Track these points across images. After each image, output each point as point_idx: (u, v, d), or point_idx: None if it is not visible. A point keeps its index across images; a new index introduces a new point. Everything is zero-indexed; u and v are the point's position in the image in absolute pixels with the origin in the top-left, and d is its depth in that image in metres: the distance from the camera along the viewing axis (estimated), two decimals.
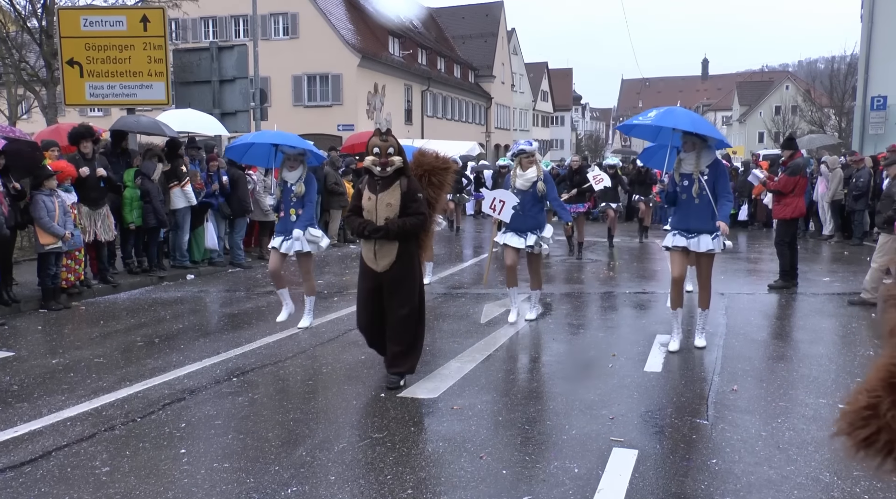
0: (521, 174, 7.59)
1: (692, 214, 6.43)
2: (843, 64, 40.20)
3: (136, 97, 14.28)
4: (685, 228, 6.49)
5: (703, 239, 6.39)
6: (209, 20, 35.51)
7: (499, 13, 55.24)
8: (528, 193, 7.53)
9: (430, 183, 5.73)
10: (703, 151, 6.43)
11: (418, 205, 5.47)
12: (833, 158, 17.13)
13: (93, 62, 13.95)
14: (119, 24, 14.06)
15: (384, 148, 5.49)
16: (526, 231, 7.52)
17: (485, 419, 4.81)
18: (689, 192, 6.41)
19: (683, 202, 6.46)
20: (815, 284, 10.19)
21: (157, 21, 14.23)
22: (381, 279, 5.51)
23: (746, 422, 4.76)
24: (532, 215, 7.54)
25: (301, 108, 35.11)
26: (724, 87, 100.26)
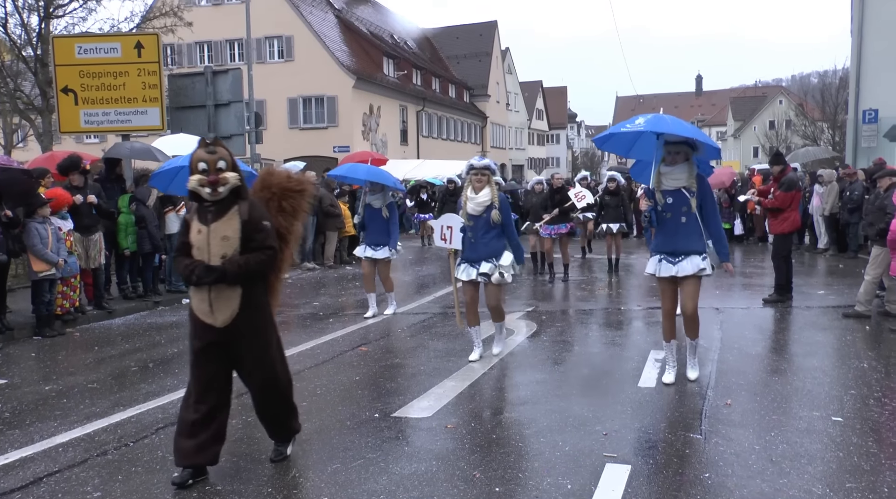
0: (473, 197, 6.67)
1: (679, 234, 5.77)
2: (834, 78, 40.49)
3: (130, 124, 14.31)
4: (670, 250, 5.83)
5: (690, 260, 5.76)
6: (204, 45, 35.80)
7: (493, 33, 55.71)
8: (482, 218, 6.64)
9: (282, 209, 4.46)
10: (691, 163, 5.78)
11: (265, 236, 4.19)
12: (829, 171, 17.22)
13: (87, 89, 13.99)
14: (114, 51, 14.13)
15: (212, 162, 4.12)
16: (479, 260, 6.71)
17: (479, 437, 4.81)
18: (674, 210, 5.74)
19: (668, 222, 5.78)
20: (810, 298, 10.21)
21: (152, 47, 14.31)
22: (222, 337, 4.22)
23: (740, 436, 4.76)
24: (485, 243, 6.67)
25: (297, 131, 35.30)
26: (718, 102, 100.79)
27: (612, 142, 6.32)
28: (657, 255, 5.92)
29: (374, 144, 36.21)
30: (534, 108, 70.52)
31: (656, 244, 5.97)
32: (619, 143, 6.32)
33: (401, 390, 6.04)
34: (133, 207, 10.71)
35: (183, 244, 4.29)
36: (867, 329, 8.16)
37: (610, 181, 13.52)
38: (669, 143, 5.69)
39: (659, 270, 5.88)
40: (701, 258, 5.76)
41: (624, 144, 6.28)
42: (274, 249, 4.27)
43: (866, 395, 5.69)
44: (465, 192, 6.81)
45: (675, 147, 5.71)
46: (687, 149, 5.71)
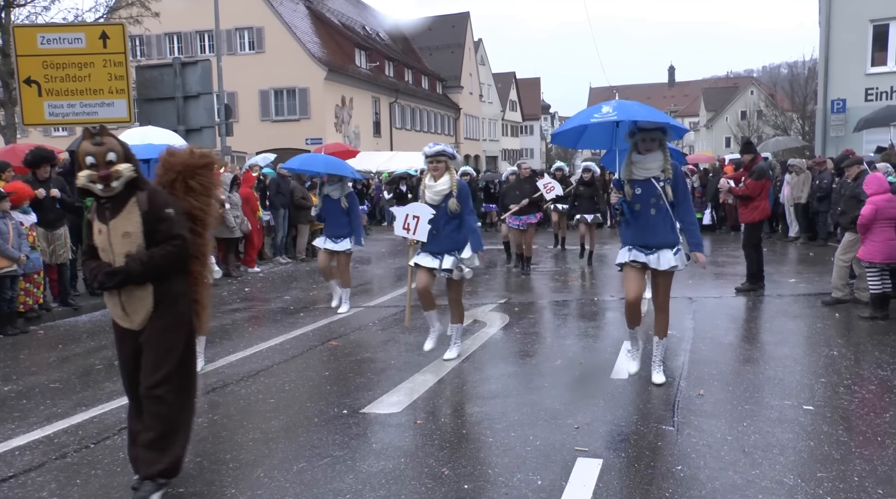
0: (431, 186, 6.37)
1: (649, 227, 5.46)
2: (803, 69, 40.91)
3: (97, 116, 13.96)
4: (642, 243, 5.52)
5: (663, 255, 5.46)
6: (174, 36, 35.28)
7: (465, 24, 55.52)
8: (441, 208, 6.33)
9: (190, 189, 4.03)
10: (665, 150, 5.48)
11: (169, 225, 3.80)
12: (800, 160, 17.36)
13: (51, 81, 13.64)
14: (78, 41, 13.80)
15: (101, 155, 3.73)
16: (441, 253, 6.37)
17: (448, 433, 4.73)
18: (643, 201, 5.43)
19: (637, 214, 5.47)
20: (782, 286, 10.26)
21: (117, 37, 13.99)
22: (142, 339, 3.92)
23: (712, 427, 4.73)
24: (447, 235, 6.35)
25: (269, 123, 34.92)
26: (691, 93, 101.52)
27: (561, 137, 6.09)
28: (628, 245, 5.62)
29: (347, 136, 35.95)
30: (507, 99, 70.47)
31: (626, 237, 5.66)
32: (567, 136, 6.01)
33: (370, 384, 5.94)
34: None
35: (88, 247, 3.97)
36: (837, 317, 8.20)
37: (585, 172, 13.34)
38: (644, 130, 5.37)
39: (629, 256, 5.56)
40: (673, 253, 5.47)
41: (571, 136, 5.98)
42: (182, 238, 3.84)
43: (836, 383, 5.70)
44: (424, 180, 6.48)
45: (650, 134, 5.39)
46: (661, 135, 5.42)
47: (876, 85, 21.36)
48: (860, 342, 7.04)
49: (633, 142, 5.48)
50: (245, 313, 9.68)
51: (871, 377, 5.86)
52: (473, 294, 10.48)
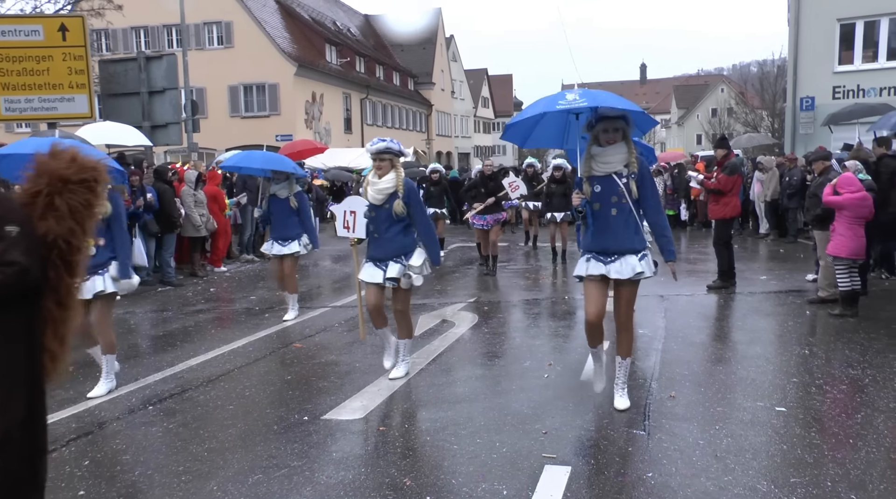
0: (375, 183, 5.67)
1: (610, 230, 4.78)
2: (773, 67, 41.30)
3: (56, 111, 13.59)
4: (601, 249, 4.84)
5: (626, 261, 4.76)
6: (140, 30, 34.64)
7: (437, 20, 55.28)
8: (384, 209, 5.67)
9: (53, 209, 2.83)
10: (628, 141, 4.85)
11: (4, 247, 2.64)
12: (769, 158, 17.42)
13: (7, 74, 13.19)
14: (35, 33, 13.37)
15: None
16: (386, 260, 5.73)
17: (412, 440, 4.56)
18: (603, 200, 4.76)
19: (597, 215, 4.81)
20: (753, 283, 10.22)
21: (77, 30, 13.57)
22: None
23: (684, 430, 4.61)
24: (391, 238, 5.69)
25: (238, 119, 34.44)
26: (662, 91, 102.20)
27: (512, 132, 5.20)
28: (586, 254, 4.95)
29: (318, 132, 35.58)
30: (479, 96, 70.35)
31: (585, 243, 4.99)
32: (519, 131, 5.18)
33: (333, 389, 5.75)
34: None
35: None
36: (808, 314, 8.17)
37: (556, 169, 13.13)
38: (606, 118, 4.71)
39: (587, 268, 4.86)
40: (638, 258, 4.75)
41: (521, 131, 5.18)
42: (16, 266, 2.67)
43: (808, 383, 5.62)
44: (368, 177, 5.82)
45: (613, 123, 4.74)
46: (624, 125, 4.77)
47: (843, 83, 21.55)
48: (831, 341, 6.98)
49: (592, 133, 4.83)
50: (209, 315, 9.41)
51: (843, 377, 5.78)
52: (443, 293, 10.32)
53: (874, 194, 8.24)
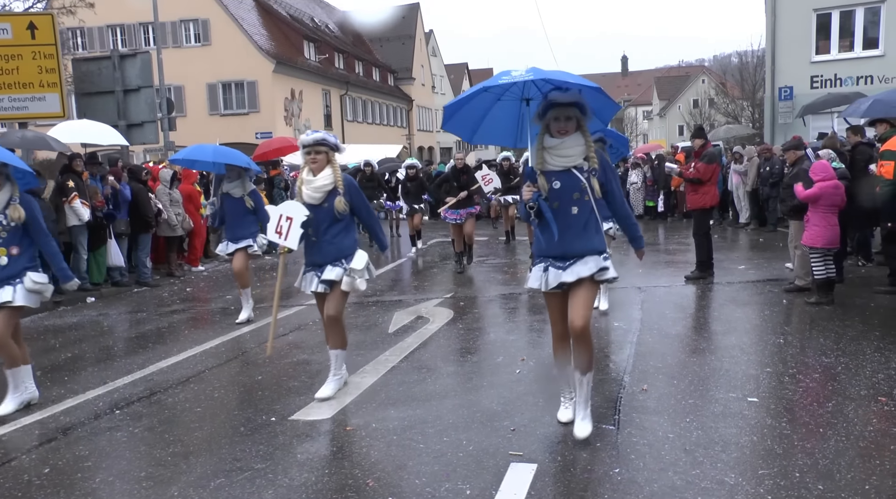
0: (310, 181, 5.18)
1: (570, 231, 4.19)
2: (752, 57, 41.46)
3: (27, 110, 13.42)
4: (558, 253, 4.23)
5: (585, 262, 4.20)
6: (116, 28, 34.27)
7: (415, 15, 55.06)
8: (322, 209, 5.18)
9: None
10: (585, 133, 4.24)
11: None
12: (749, 148, 17.46)
13: None
14: (3, 31, 13.19)
15: None
16: (323, 264, 5.24)
17: (377, 440, 4.48)
18: (562, 198, 4.17)
19: (556, 215, 4.19)
20: (731, 273, 10.22)
21: (46, 28, 13.41)
22: None
23: (654, 424, 4.56)
24: (329, 240, 5.18)
25: (217, 117, 34.16)
26: (644, 82, 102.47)
27: (454, 121, 4.57)
28: (541, 261, 4.31)
29: (298, 128, 35.34)
30: (460, 90, 70.12)
31: (539, 247, 4.35)
32: (463, 122, 4.58)
33: (303, 388, 5.66)
34: None
35: None
36: (784, 303, 8.16)
37: (504, 160, 13.26)
38: (557, 105, 4.09)
39: (545, 280, 4.25)
40: (602, 257, 4.24)
41: (466, 122, 4.59)
42: None
43: (782, 372, 5.60)
44: (301, 175, 5.32)
45: (564, 110, 4.11)
46: (577, 113, 4.14)
47: (820, 72, 21.66)
48: (805, 329, 6.98)
49: (543, 122, 4.20)
50: (183, 315, 9.30)
51: (816, 365, 5.77)
52: (420, 289, 10.26)
53: (847, 183, 8.26)
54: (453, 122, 4.58)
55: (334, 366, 5.45)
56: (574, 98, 4.09)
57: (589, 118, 4.21)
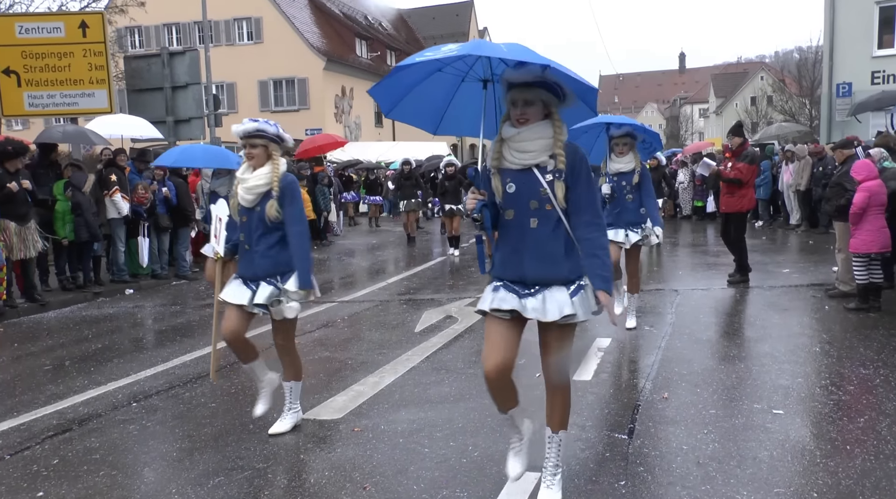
0: (245, 180, 4.35)
1: (529, 249, 3.28)
2: (810, 53, 40.20)
3: (77, 106, 13.76)
4: (517, 276, 3.31)
5: (551, 296, 3.25)
6: (171, 27, 35.04)
7: (469, 13, 54.94)
8: (255, 213, 4.35)
9: None
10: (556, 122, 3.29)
11: None
12: (801, 146, 16.88)
13: (31, 71, 13.41)
14: (57, 30, 13.55)
15: None
16: (257, 280, 4.40)
17: (383, 443, 4.40)
18: (517, 205, 3.29)
19: (510, 227, 3.33)
20: (775, 277, 9.86)
21: (97, 26, 13.73)
22: None
23: (669, 435, 4.38)
24: (262, 252, 4.35)
25: (268, 114, 34.55)
26: (701, 80, 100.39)
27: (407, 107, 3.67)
28: (497, 282, 3.38)
29: (348, 126, 35.64)
30: None
31: (494, 266, 3.42)
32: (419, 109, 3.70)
33: (319, 386, 5.63)
34: (69, 194, 10.21)
35: None
36: (826, 309, 7.82)
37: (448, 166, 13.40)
38: (516, 86, 3.24)
39: (492, 299, 3.32)
40: (569, 292, 3.27)
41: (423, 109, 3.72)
42: None
43: (814, 383, 5.34)
44: (238, 173, 4.48)
45: (524, 92, 3.23)
46: (544, 95, 3.24)
47: (883, 68, 20.85)
48: (846, 338, 6.65)
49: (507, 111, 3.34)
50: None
51: (852, 377, 5.49)
52: (454, 288, 10.16)
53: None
54: (400, 111, 3.69)
55: (289, 398, 4.72)
56: (533, 76, 3.18)
57: (569, 103, 3.30)
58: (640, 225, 6.89)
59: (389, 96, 3.59)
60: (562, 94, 3.26)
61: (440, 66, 3.44)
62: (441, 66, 3.43)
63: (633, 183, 6.78)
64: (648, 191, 6.85)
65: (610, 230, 6.72)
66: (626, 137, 6.74)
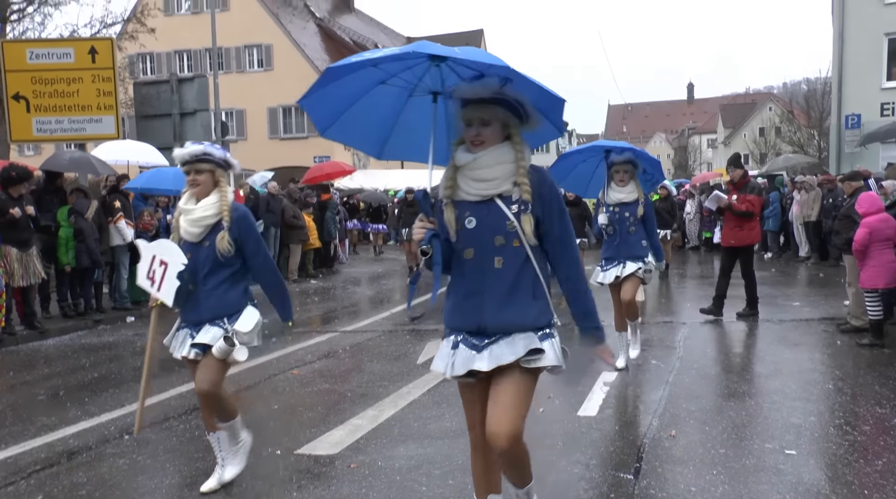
0: (188, 211, 3.92)
1: (490, 292, 2.86)
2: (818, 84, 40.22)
3: (85, 132, 13.81)
4: (476, 325, 2.88)
5: (510, 347, 2.84)
6: (183, 53, 35.33)
7: (479, 41, 55.31)
8: (202, 249, 3.90)
9: None
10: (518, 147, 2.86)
11: None
12: (810, 177, 16.76)
13: (40, 96, 13.47)
14: (67, 56, 13.62)
15: None
16: (201, 323, 3.95)
17: (380, 480, 4.24)
18: (481, 242, 2.85)
19: (466, 269, 2.89)
20: (785, 310, 9.68)
21: (106, 52, 13.81)
22: None
23: (677, 475, 4.21)
24: (209, 291, 3.92)
25: (277, 141, 34.77)
26: (710, 110, 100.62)
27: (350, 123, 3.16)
28: (451, 333, 2.97)
29: (356, 153, 35.67)
30: None
31: (446, 314, 3.00)
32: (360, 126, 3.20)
33: (317, 420, 5.48)
34: (72, 220, 10.16)
35: None
36: (839, 344, 7.63)
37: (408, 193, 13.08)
38: (472, 103, 2.80)
39: (451, 364, 2.92)
40: (540, 336, 2.87)
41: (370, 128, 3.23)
42: None
43: (827, 422, 5.16)
44: (181, 202, 4.03)
45: (479, 110, 2.80)
46: (503, 114, 2.81)
47: (892, 99, 20.79)
48: (860, 374, 6.46)
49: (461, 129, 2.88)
50: None
51: (868, 416, 5.30)
52: None
53: None
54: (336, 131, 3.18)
55: (220, 450, 4.18)
56: (490, 91, 2.74)
57: (533, 124, 2.87)
58: (641, 259, 6.43)
59: (325, 111, 3.10)
60: (524, 113, 2.83)
61: (383, 77, 2.98)
62: (385, 76, 2.97)
63: (637, 215, 6.33)
64: (652, 224, 6.47)
65: (610, 268, 6.48)
66: (627, 164, 6.32)
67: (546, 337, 2.89)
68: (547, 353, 2.85)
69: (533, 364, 2.84)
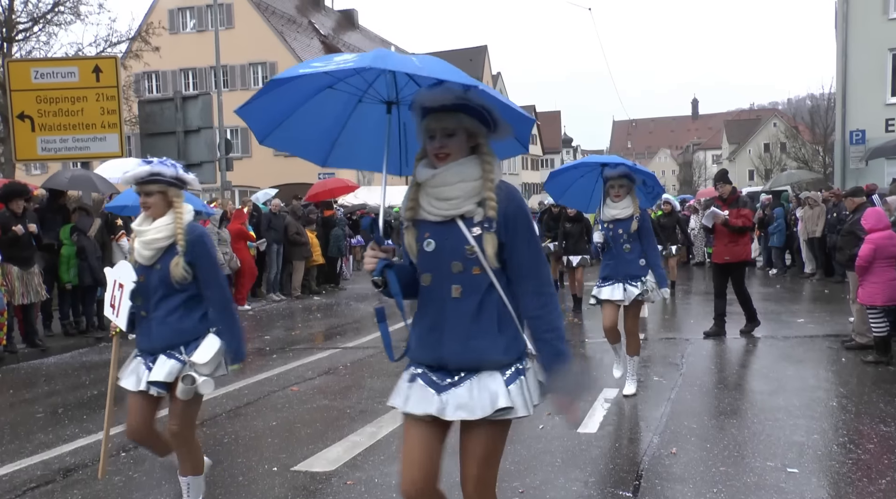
0: (143, 232, 3.62)
1: (450, 323, 2.57)
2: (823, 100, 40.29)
3: (89, 150, 13.84)
4: (436, 358, 2.60)
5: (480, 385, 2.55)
6: (188, 72, 35.63)
7: (483, 58, 55.69)
8: (154, 272, 3.58)
9: None
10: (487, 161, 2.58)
11: None
12: (815, 193, 16.72)
13: (44, 115, 13.51)
14: (71, 75, 13.69)
15: None
16: (154, 353, 3.62)
17: (376, 497, 4.20)
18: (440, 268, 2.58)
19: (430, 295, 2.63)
20: (789, 326, 9.62)
21: (110, 70, 13.87)
22: None
23: (677, 493, 4.15)
24: (161, 319, 3.60)
25: (282, 158, 34.78)
26: (714, 126, 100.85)
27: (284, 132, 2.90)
28: (411, 367, 2.69)
29: (361, 171, 35.80)
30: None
31: (409, 346, 2.72)
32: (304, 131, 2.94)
33: (314, 437, 5.44)
34: (74, 238, 10.18)
35: None
36: (843, 361, 7.56)
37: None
38: (430, 112, 2.53)
39: (406, 400, 2.64)
40: (504, 379, 2.54)
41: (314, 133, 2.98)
42: None
43: (831, 440, 5.09)
44: (133, 224, 3.75)
45: (444, 120, 2.52)
46: (468, 123, 2.53)
47: None
48: (864, 392, 6.39)
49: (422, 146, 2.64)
50: None
51: (872, 434, 5.23)
52: None
53: None
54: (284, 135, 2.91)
55: (188, 494, 3.88)
56: (454, 97, 2.47)
57: (501, 133, 2.59)
58: (640, 278, 6.08)
59: (264, 119, 2.84)
60: (491, 121, 2.54)
61: (331, 82, 2.73)
62: (332, 81, 2.73)
63: (630, 231, 6.01)
64: (650, 241, 6.09)
65: (606, 286, 6.18)
66: (623, 179, 6.01)
67: (516, 376, 2.54)
68: (515, 408, 2.51)
69: (501, 417, 2.53)
